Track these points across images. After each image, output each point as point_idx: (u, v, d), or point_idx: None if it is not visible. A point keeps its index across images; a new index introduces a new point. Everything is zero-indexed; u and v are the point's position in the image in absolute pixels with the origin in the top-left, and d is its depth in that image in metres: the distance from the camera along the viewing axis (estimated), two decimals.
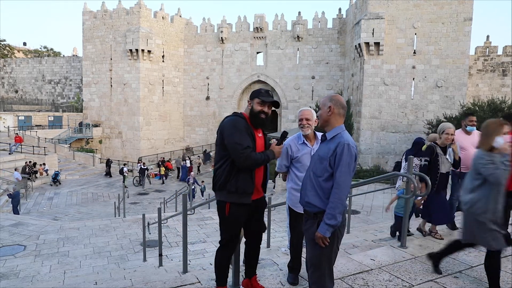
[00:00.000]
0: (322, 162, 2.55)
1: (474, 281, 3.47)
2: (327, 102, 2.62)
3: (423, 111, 23.32)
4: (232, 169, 2.85)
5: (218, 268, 3.06)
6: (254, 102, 2.94)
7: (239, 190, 2.85)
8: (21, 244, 8.10)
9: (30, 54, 52.21)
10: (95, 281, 4.64)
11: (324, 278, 2.56)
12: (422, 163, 4.72)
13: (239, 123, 2.84)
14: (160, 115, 32.37)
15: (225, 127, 2.86)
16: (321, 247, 2.48)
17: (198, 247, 7.47)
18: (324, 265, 2.55)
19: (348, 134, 2.56)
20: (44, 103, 39.50)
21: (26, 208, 16.69)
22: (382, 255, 4.05)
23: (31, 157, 22.82)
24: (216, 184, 2.95)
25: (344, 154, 2.43)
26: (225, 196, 2.91)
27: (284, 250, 5.21)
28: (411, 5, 22.83)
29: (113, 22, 30.82)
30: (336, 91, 29.95)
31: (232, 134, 2.79)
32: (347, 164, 2.43)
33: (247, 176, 2.87)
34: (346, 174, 2.42)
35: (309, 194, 2.59)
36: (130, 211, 16.13)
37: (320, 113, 2.68)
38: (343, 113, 2.62)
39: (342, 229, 2.59)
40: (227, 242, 3.01)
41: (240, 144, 2.75)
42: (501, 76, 26.55)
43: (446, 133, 4.67)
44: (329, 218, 2.41)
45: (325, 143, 2.63)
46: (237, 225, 2.98)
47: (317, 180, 2.56)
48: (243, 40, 32.36)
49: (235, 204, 2.90)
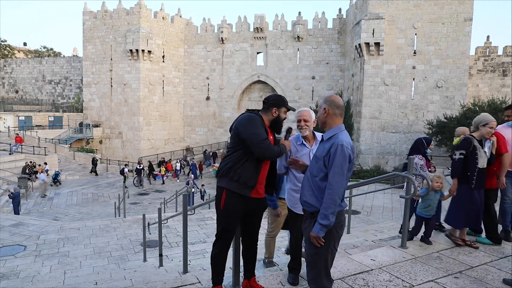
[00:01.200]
0: (317, 162, 2.58)
1: (474, 281, 3.47)
2: (322, 104, 2.66)
3: (423, 111, 23.31)
4: (240, 158, 2.92)
5: (213, 263, 3.08)
6: (281, 111, 3.07)
7: (241, 180, 2.90)
8: (21, 244, 8.10)
9: (31, 54, 52.24)
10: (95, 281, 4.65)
11: (320, 277, 2.57)
12: (457, 157, 4.30)
13: (256, 119, 2.93)
14: (160, 115, 32.38)
15: (241, 122, 2.94)
16: (316, 247, 2.49)
17: (198, 247, 7.46)
18: (320, 265, 2.56)
19: (345, 134, 2.57)
20: (44, 103, 39.52)
21: (27, 208, 16.70)
22: (383, 256, 4.05)
23: (31, 157, 22.82)
24: (220, 170, 3.00)
25: (337, 155, 2.44)
26: (225, 182, 2.96)
27: (284, 250, 5.21)
28: (411, 5, 22.83)
29: (113, 22, 30.83)
30: (336, 91, 29.95)
31: (250, 127, 2.88)
32: (339, 165, 2.43)
33: (253, 168, 2.92)
34: (339, 174, 2.43)
35: (307, 194, 2.62)
36: (130, 211, 16.13)
37: (318, 115, 2.73)
38: (340, 113, 2.63)
39: (339, 229, 2.58)
40: (220, 234, 3.03)
41: (259, 134, 2.84)
42: (501, 76, 26.55)
43: (489, 126, 4.22)
44: (322, 218, 2.42)
45: (322, 144, 2.66)
46: (232, 217, 2.98)
47: (313, 179, 2.58)
48: (243, 40, 32.37)
49: (233, 193, 2.92)
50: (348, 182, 2.67)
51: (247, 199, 2.97)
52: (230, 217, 2.98)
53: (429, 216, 4.56)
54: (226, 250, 3.08)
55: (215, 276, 3.09)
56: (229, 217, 2.98)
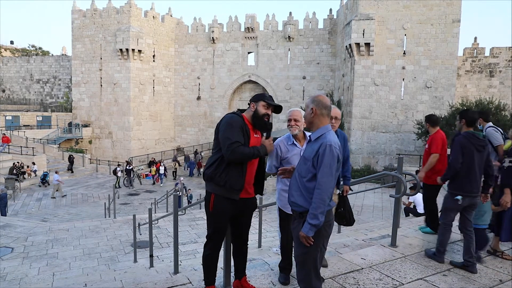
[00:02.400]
0: (306, 163, 2.58)
1: (462, 279, 3.52)
2: (309, 104, 2.65)
3: (412, 111, 23.58)
4: (222, 162, 2.91)
5: (204, 264, 3.09)
6: (259, 105, 3.00)
7: (227, 185, 2.89)
8: (8, 246, 7.97)
9: (18, 53, 51.37)
10: (84, 283, 4.60)
11: (310, 277, 2.59)
12: (506, 165, 3.92)
13: (235, 121, 2.91)
14: (151, 115, 32.15)
15: (221, 123, 2.96)
16: (306, 246, 2.51)
17: (189, 247, 7.44)
18: (309, 264, 2.58)
19: (332, 134, 2.58)
20: (32, 103, 38.92)
21: (14, 209, 16.43)
22: (373, 254, 4.09)
23: (19, 158, 22.47)
24: (206, 174, 3.00)
25: (326, 155, 2.45)
26: (212, 187, 2.96)
27: (275, 250, 5.22)
28: (400, 6, 23.07)
29: (103, 21, 30.50)
30: (327, 91, 30.12)
31: (224, 130, 2.88)
32: (328, 165, 2.44)
33: (237, 172, 2.90)
34: (328, 175, 2.44)
35: (295, 194, 2.63)
36: (120, 212, 16.00)
37: (305, 115, 2.73)
38: (327, 113, 2.63)
39: (328, 228, 2.60)
40: (211, 235, 3.04)
41: (229, 138, 2.82)
42: (489, 77, 26.99)
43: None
44: (311, 218, 2.43)
45: (310, 144, 2.66)
46: (222, 219, 2.99)
47: (301, 180, 2.59)
48: (234, 40, 32.33)
49: (221, 197, 2.93)
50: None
51: (236, 201, 2.98)
52: (220, 218, 2.98)
53: (485, 226, 4.15)
54: (217, 251, 3.08)
55: (207, 277, 3.09)
56: (218, 218, 2.98)
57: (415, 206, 8.92)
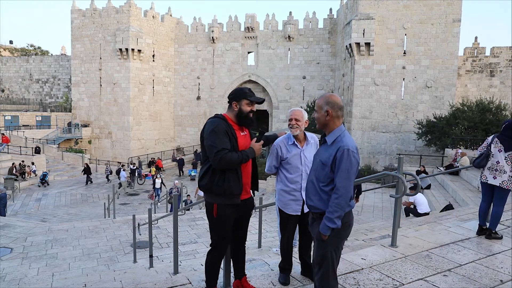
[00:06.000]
0: (324, 168, 2.53)
1: (462, 279, 3.50)
2: (324, 106, 2.56)
3: (413, 111, 23.57)
4: (214, 170, 2.82)
5: (209, 271, 3.03)
6: (242, 104, 2.90)
7: (227, 192, 2.82)
8: (7, 247, 7.95)
9: (17, 53, 51.36)
10: (84, 283, 4.58)
11: (328, 277, 2.60)
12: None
13: (218, 126, 2.80)
14: (151, 115, 32.14)
15: (204, 130, 2.86)
16: (325, 247, 2.51)
17: (189, 248, 7.42)
18: (328, 265, 2.58)
19: (348, 136, 2.52)
20: (31, 103, 38.89)
21: (13, 210, 16.41)
22: (373, 255, 4.07)
23: (18, 158, 22.44)
24: (202, 186, 2.93)
25: (343, 160, 2.41)
26: (213, 198, 2.89)
27: (275, 251, 5.20)
28: (401, 6, 23.06)
29: (103, 21, 30.48)
30: (327, 91, 30.10)
31: (207, 136, 2.78)
32: (346, 170, 2.40)
33: (233, 177, 2.84)
34: (345, 180, 2.40)
35: (314, 199, 2.60)
36: (120, 212, 15.99)
37: (317, 117, 2.62)
38: (341, 114, 2.58)
39: (347, 228, 2.60)
40: (217, 244, 2.98)
41: (215, 146, 2.73)
42: (489, 77, 26.97)
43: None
44: (327, 221, 2.43)
45: (325, 147, 2.60)
46: (227, 226, 2.95)
47: (319, 185, 2.56)
48: (234, 39, 32.31)
49: (223, 205, 2.87)
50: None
51: (238, 205, 2.94)
52: (225, 225, 2.93)
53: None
54: (222, 258, 3.05)
55: (209, 282, 3.04)
56: (224, 225, 2.93)
57: (415, 206, 8.90)
